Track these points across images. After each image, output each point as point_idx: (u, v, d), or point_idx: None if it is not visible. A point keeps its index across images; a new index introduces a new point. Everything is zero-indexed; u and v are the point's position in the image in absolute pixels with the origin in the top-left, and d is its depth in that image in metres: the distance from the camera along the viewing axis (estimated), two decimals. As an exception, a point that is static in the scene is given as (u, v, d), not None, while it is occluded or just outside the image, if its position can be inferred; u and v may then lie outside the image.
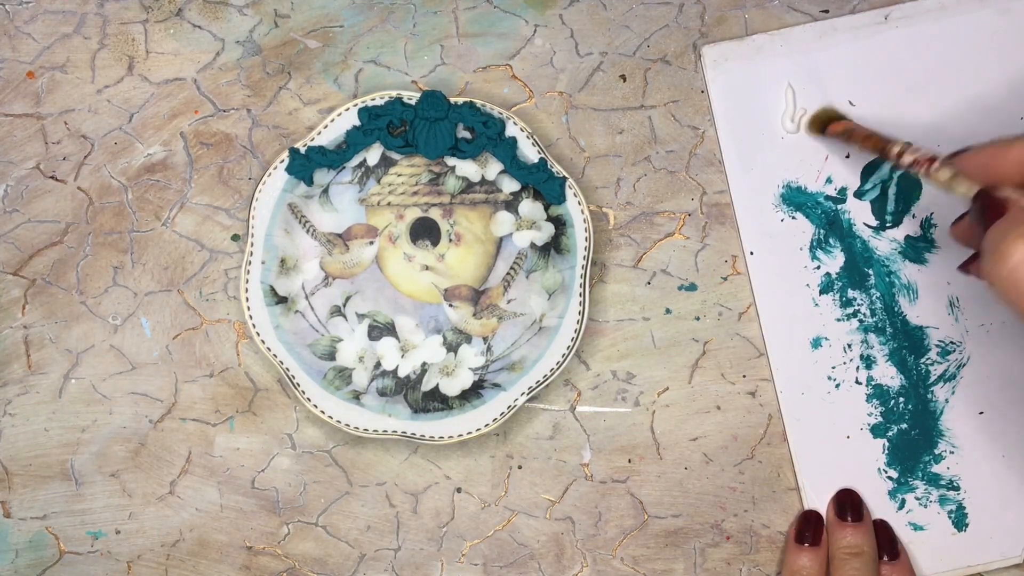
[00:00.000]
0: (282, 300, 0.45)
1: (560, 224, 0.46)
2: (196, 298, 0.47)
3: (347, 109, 0.46)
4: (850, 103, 0.47)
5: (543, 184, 0.46)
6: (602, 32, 0.49)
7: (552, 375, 0.45)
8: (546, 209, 0.46)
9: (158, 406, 0.46)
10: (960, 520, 0.45)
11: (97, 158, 0.48)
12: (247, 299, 0.45)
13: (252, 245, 0.45)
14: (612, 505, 0.46)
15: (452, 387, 0.46)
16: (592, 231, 0.46)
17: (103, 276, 0.47)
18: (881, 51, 0.48)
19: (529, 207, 0.46)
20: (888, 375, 0.46)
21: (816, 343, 0.46)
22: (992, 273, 0.33)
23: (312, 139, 0.46)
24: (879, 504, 0.45)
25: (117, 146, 0.48)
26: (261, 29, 0.49)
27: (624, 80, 0.49)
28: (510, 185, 0.47)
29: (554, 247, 0.46)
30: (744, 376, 0.46)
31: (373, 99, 0.46)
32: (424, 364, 0.45)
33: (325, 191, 0.46)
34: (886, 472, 0.45)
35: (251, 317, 0.45)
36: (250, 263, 0.45)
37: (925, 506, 0.45)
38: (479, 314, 0.46)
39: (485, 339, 0.46)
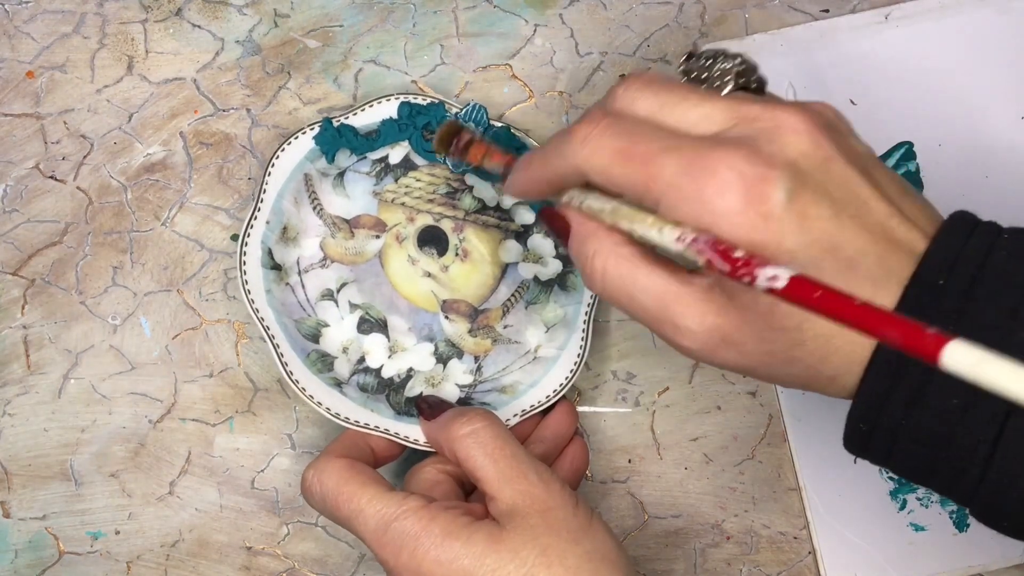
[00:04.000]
0: (277, 267, 0.44)
1: (569, 262, 0.46)
2: (196, 298, 0.47)
3: (388, 99, 0.46)
4: (851, 102, 0.47)
5: None
6: (602, 32, 0.49)
7: (547, 402, 0.44)
8: (556, 247, 0.46)
9: (158, 406, 0.46)
10: (961, 521, 0.45)
11: (96, 158, 0.48)
12: (244, 253, 0.43)
13: (261, 202, 0.44)
14: (612, 505, 0.46)
15: None
16: None
17: (103, 276, 0.47)
18: (881, 51, 0.48)
19: (539, 242, 0.46)
20: (888, 375, 0.46)
21: (816, 343, 0.46)
22: (593, 289, 0.35)
23: (347, 117, 0.46)
24: (880, 505, 0.45)
25: (116, 146, 0.48)
26: (261, 29, 0.49)
27: (624, 80, 0.48)
28: (524, 217, 0.46)
29: (559, 283, 0.46)
30: (744, 376, 0.46)
31: (416, 97, 0.46)
32: (411, 370, 0.45)
33: (341, 175, 0.46)
34: (887, 472, 0.45)
35: (244, 273, 0.43)
36: (255, 217, 0.44)
37: (926, 507, 0.45)
38: (474, 332, 0.45)
39: (476, 358, 0.45)
